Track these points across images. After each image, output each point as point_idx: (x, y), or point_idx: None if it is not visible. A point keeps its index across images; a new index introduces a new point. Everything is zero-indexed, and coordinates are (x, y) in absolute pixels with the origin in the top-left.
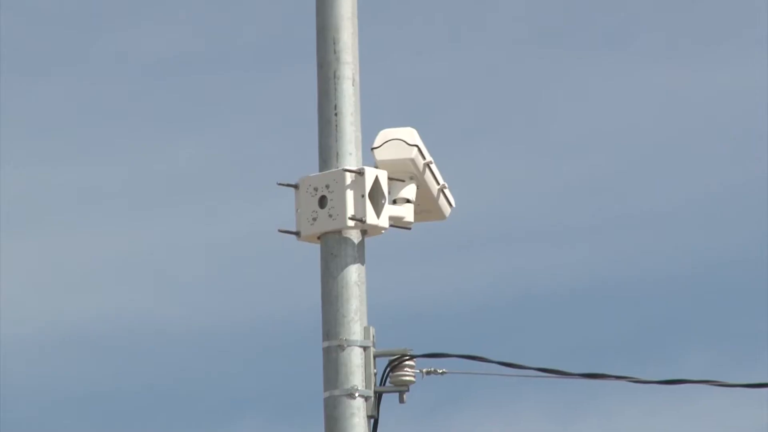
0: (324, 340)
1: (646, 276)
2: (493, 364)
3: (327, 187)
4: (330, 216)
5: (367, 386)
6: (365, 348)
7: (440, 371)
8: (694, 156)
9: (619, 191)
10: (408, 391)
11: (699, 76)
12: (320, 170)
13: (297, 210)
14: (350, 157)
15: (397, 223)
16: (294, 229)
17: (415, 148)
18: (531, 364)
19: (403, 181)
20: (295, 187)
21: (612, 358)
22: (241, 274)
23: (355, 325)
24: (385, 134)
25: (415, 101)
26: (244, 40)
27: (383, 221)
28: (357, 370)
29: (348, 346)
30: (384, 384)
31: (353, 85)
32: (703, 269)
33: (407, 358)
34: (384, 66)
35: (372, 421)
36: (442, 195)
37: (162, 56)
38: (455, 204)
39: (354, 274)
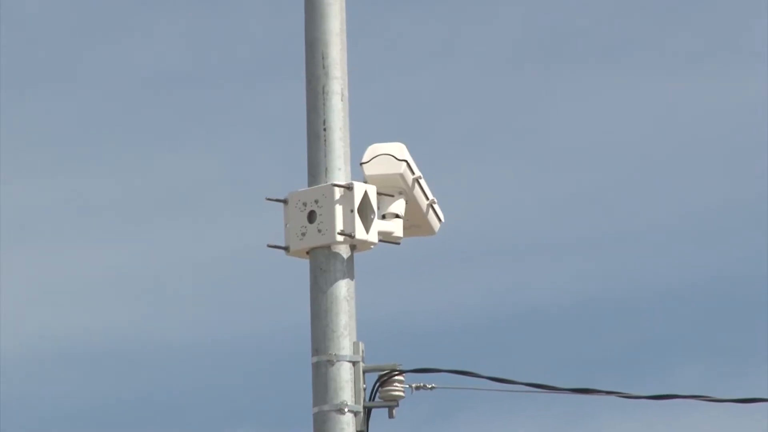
0: (313, 355)
1: (638, 291)
2: (483, 379)
3: (316, 202)
4: (319, 231)
5: (356, 401)
6: (354, 363)
7: (429, 386)
8: (689, 170)
9: (611, 206)
10: (397, 406)
11: (694, 90)
12: (309, 185)
13: (286, 225)
14: (339, 172)
15: (386, 238)
16: (283, 244)
17: (404, 163)
18: (521, 379)
19: (392, 196)
20: (284, 202)
21: (604, 373)
22: (231, 288)
23: (345, 340)
24: (374, 149)
25: (406, 116)
26: (233, 55)
27: (372, 236)
28: (346, 385)
29: (337, 361)
30: (373, 399)
31: (342, 100)
32: (695, 284)
33: (396, 373)
34: (374, 81)
35: None
36: (431, 210)
37: (153, 71)
38: (444, 219)
39: (343, 289)
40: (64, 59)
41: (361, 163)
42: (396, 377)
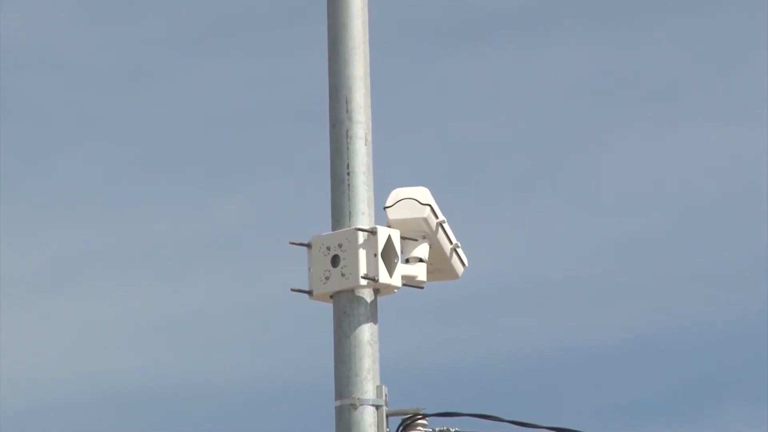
0: (336, 399)
1: (668, 336)
2: (506, 423)
3: (339, 246)
4: (342, 275)
5: None
6: (378, 407)
7: (453, 430)
8: (739, 213)
9: (660, 250)
10: None
11: (746, 135)
12: (333, 229)
13: (309, 269)
14: (363, 216)
15: (409, 282)
16: (306, 288)
17: (428, 208)
18: (544, 423)
19: (416, 240)
20: (308, 246)
21: (653, 417)
22: (255, 333)
23: (368, 383)
24: (397, 193)
25: (455, 160)
26: (255, 101)
27: (396, 280)
28: (370, 429)
29: (360, 404)
30: None
31: (366, 144)
32: (745, 327)
33: (420, 417)
34: (422, 124)
35: None
36: (454, 254)
37: (178, 121)
38: (468, 263)
39: (366, 332)
40: (111, 105)
41: (385, 208)
42: (419, 421)
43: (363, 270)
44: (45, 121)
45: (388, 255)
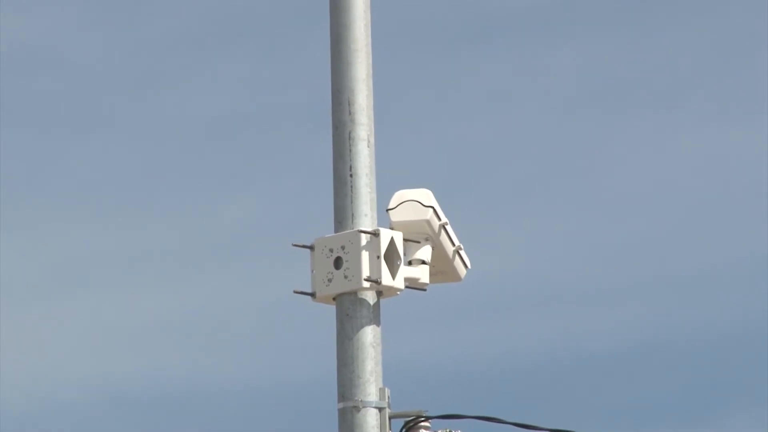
0: (339, 401)
1: (670, 338)
2: (508, 425)
3: (342, 248)
4: (345, 277)
5: None
6: (381, 409)
7: None
8: (743, 216)
9: (663, 252)
10: None
11: (749, 138)
12: (335, 231)
13: (312, 271)
14: (365, 218)
15: (412, 284)
16: (309, 290)
17: (431, 210)
18: (546, 425)
19: (419, 242)
20: (311, 248)
21: (639, 421)
22: (258, 335)
23: (371, 386)
24: (400, 195)
25: (459, 162)
26: (269, 103)
27: (398, 282)
28: (372, 431)
29: (363, 407)
30: None
31: (368, 146)
32: (748, 329)
33: (422, 419)
34: (427, 127)
35: None
36: (457, 256)
37: (181, 122)
38: (471, 265)
39: (369, 335)
40: (116, 106)
41: (388, 210)
42: (422, 423)
43: (366, 272)
44: (47, 122)
45: (391, 257)
